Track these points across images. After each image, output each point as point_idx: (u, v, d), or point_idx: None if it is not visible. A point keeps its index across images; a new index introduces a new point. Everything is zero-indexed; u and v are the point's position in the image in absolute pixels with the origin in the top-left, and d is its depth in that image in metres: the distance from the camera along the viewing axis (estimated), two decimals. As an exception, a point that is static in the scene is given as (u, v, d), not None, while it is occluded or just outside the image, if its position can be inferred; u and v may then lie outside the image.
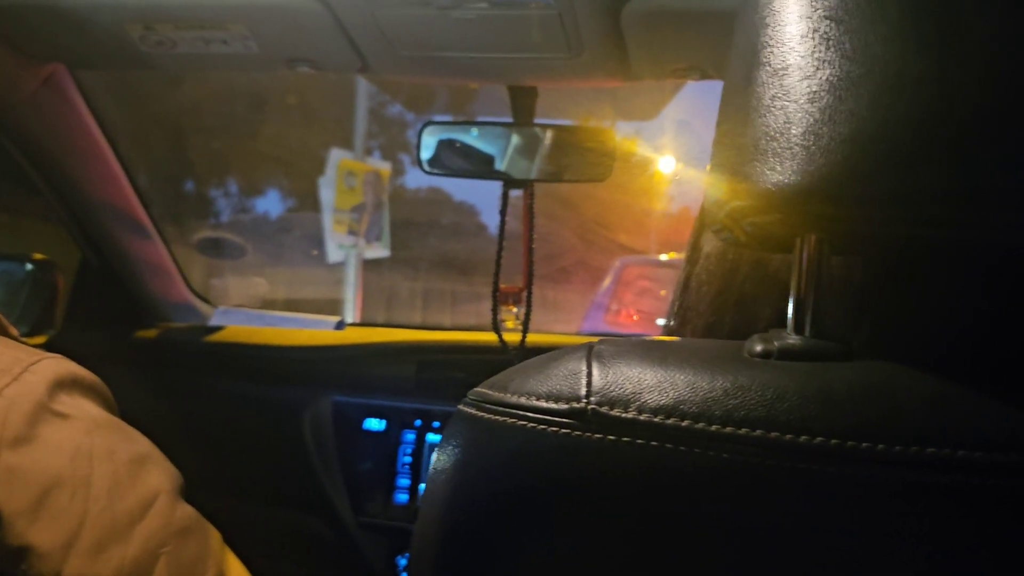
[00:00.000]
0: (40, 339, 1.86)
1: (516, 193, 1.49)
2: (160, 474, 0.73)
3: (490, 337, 1.60)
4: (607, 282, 7.21)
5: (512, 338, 1.57)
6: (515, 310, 1.53)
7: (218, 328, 1.94)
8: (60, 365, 0.73)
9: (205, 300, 2.15)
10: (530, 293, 1.52)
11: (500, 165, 1.45)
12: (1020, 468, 0.37)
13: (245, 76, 8.61)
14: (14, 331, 0.80)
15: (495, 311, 1.53)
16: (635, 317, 6.66)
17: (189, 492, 0.75)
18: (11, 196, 2.01)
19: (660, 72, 1.26)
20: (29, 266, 1.91)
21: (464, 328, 1.86)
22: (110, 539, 0.65)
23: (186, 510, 0.72)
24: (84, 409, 0.72)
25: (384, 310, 9.58)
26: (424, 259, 10.28)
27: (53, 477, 0.65)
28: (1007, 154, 0.37)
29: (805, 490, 0.39)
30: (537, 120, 1.44)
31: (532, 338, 1.56)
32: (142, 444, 0.74)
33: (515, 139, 1.45)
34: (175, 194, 8.64)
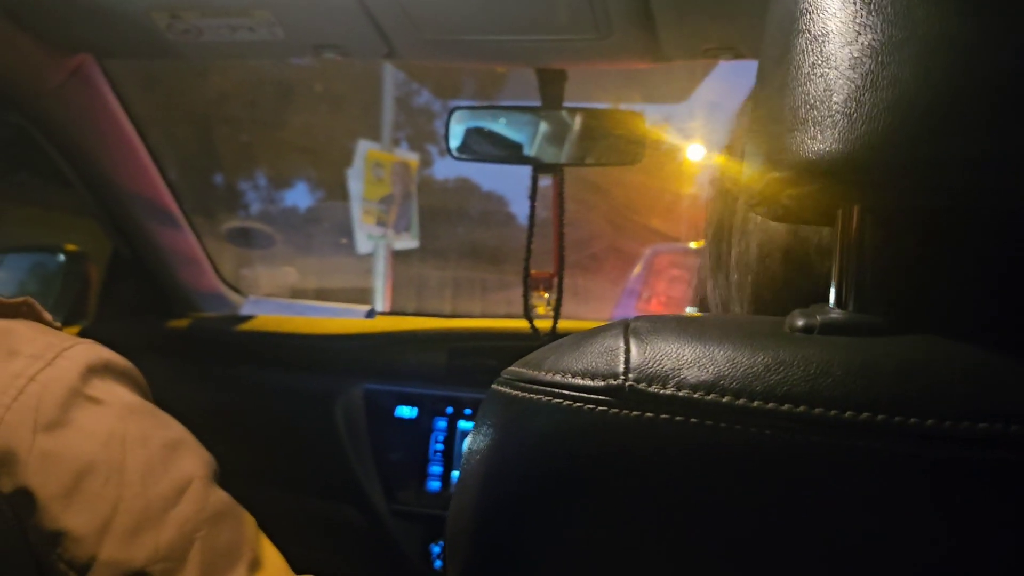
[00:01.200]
0: (73, 330, 1.88)
1: (546, 183, 1.49)
2: (194, 459, 0.73)
3: (521, 324, 1.60)
4: (638, 270, 7.20)
5: (543, 324, 1.57)
6: (546, 296, 1.53)
7: (249, 317, 1.95)
8: (93, 350, 0.73)
9: (236, 290, 2.16)
10: (561, 279, 1.52)
11: (529, 150, 1.45)
12: None
13: (273, 68, 8.65)
14: (48, 316, 0.80)
15: (526, 297, 1.53)
16: (666, 306, 6.64)
17: (222, 481, 0.75)
18: (42, 188, 2.03)
19: (691, 53, 1.25)
20: (61, 257, 1.93)
21: (495, 317, 1.86)
22: (144, 524, 0.65)
23: (220, 495, 0.72)
24: (117, 394, 0.72)
25: (414, 300, 9.61)
26: (453, 249, 10.29)
27: (87, 462, 0.65)
28: None
29: (850, 466, 0.38)
30: (566, 104, 1.43)
31: (563, 324, 1.56)
32: (175, 429, 0.74)
33: (544, 123, 1.44)
34: (205, 186, 8.70)
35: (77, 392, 0.68)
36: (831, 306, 0.44)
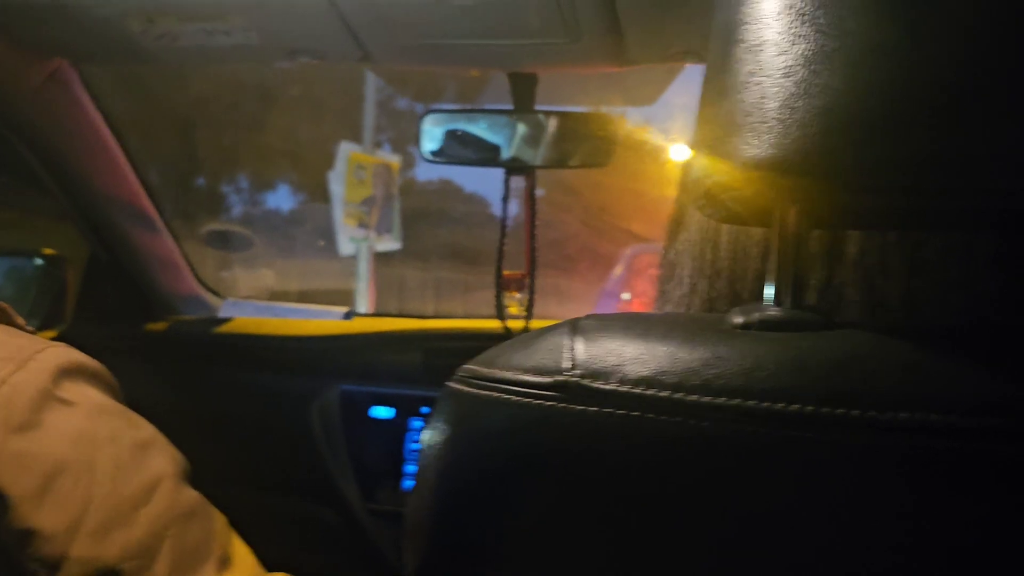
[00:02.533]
0: (50, 333, 1.88)
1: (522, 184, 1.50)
2: (164, 459, 0.73)
3: (495, 324, 1.61)
4: (618, 270, 7.22)
5: (516, 324, 1.58)
6: (518, 296, 1.55)
7: (227, 320, 1.96)
8: (64, 353, 0.74)
9: (214, 292, 2.16)
10: (533, 279, 1.53)
11: (501, 152, 1.46)
12: (992, 432, 0.38)
13: (254, 71, 8.62)
14: (20, 320, 0.81)
15: (499, 298, 1.54)
16: (648, 306, 6.65)
17: (199, 482, 0.76)
18: (21, 191, 2.03)
19: (658, 56, 1.27)
20: (39, 261, 1.93)
21: (475, 317, 1.88)
22: (114, 523, 0.66)
23: (190, 494, 0.73)
24: (88, 396, 0.73)
25: (396, 301, 9.60)
26: (435, 250, 10.28)
27: (57, 462, 0.66)
28: (977, 120, 0.38)
29: (782, 456, 0.40)
30: (538, 107, 1.45)
31: (536, 324, 1.57)
32: (146, 429, 0.75)
33: (516, 126, 1.45)
34: (186, 189, 8.66)
35: (48, 394, 0.69)
36: (769, 303, 0.45)
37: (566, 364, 0.44)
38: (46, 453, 0.66)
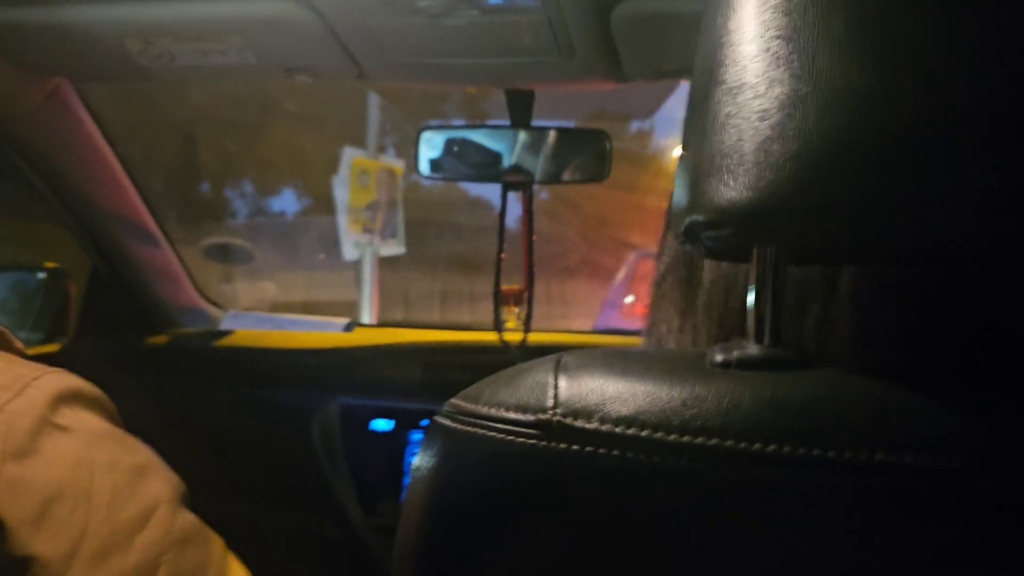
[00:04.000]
0: (53, 347, 1.89)
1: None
2: (161, 484, 0.74)
3: (494, 337, 1.62)
4: (621, 275, 7.23)
5: (514, 338, 1.59)
6: (516, 311, 1.56)
7: (227, 333, 1.96)
8: (62, 379, 0.75)
9: (215, 304, 2.17)
10: (531, 294, 1.54)
11: (497, 168, 1.47)
12: (965, 472, 0.38)
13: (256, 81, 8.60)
14: (19, 345, 0.82)
15: (497, 311, 1.55)
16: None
17: (199, 497, 0.77)
18: (23, 202, 2.03)
19: (652, 73, 1.27)
20: (41, 275, 1.94)
21: (475, 327, 1.88)
22: (111, 548, 0.67)
23: (187, 518, 0.74)
24: (85, 422, 0.74)
25: (402, 309, 9.59)
26: (440, 258, 10.25)
27: (55, 488, 0.67)
28: (943, 162, 0.38)
29: (760, 496, 0.40)
30: (534, 122, 1.45)
31: (533, 337, 1.58)
32: (143, 455, 0.76)
33: (513, 142, 1.46)
34: (189, 201, 8.66)
35: (46, 421, 0.70)
36: (748, 341, 0.46)
37: (549, 402, 0.44)
38: (43, 479, 0.67)
